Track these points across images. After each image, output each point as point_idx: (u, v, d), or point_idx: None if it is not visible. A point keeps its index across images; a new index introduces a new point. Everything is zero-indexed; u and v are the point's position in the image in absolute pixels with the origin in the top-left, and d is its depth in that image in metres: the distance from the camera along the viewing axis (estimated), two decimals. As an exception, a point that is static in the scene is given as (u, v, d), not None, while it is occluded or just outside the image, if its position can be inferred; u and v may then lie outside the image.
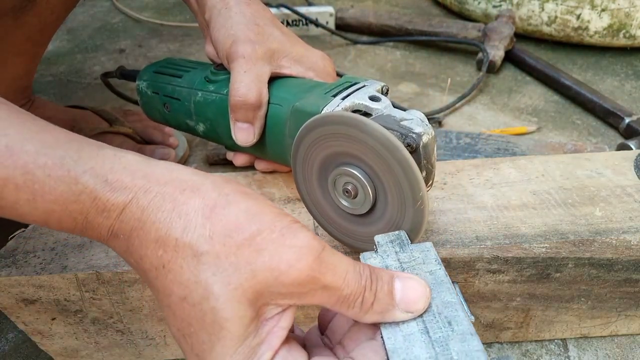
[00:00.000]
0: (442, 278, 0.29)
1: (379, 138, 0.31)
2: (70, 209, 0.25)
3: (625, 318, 0.47)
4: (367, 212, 0.35)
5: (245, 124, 0.41)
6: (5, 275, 0.39)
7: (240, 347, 0.24)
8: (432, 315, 0.27)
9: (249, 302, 0.24)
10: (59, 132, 0.26)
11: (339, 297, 0.25)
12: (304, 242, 0.24)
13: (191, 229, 0.24)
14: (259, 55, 0.41)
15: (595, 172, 0.47)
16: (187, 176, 0.26)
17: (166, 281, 0.24)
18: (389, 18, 1.08)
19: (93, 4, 1.34)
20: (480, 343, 0.25)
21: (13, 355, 0.50)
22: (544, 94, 0.90)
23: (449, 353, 0.25)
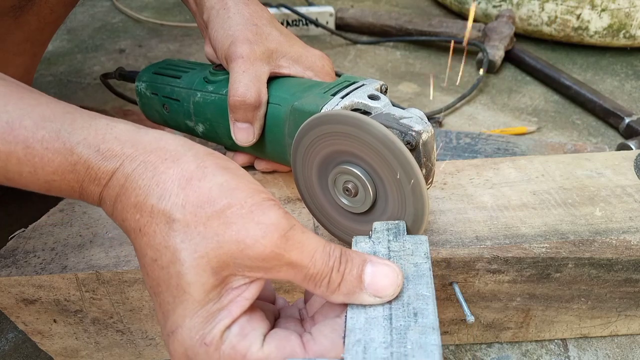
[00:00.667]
0: (424, 272, 0.29)
1: (379, 136, 0.31)
2: (68, 178, 0.27)
3: (625, 318, 0.47)
4: (368, 210, 0.35)
5: (244, 124, 0.42)
6: (5, 275, 0.39)
7: (200, 310, 0.25)
8: (401, 304, 0.27)
9: (212, 271, 0.25)
10: (55, 105, 0.28)
11: (306, 275, 0.26)
12: (272, 219, 0.25)
13: (167, 197, 0.25)
14: (258, 56, 0.41)
15: (595, 172, 0.47)
16: (172, 146, 0.27)
17: (142, 243, 0.26)
18: (389, 18, 1.08)
19: (93, 4, 1.34)
20: (439, 338, 0.25)
21: (13, 355, 0.50)
22: (544, 94, 0.90)
23: (404, 342, 0.25)
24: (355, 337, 0.26)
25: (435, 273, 0.41)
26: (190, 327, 0.25)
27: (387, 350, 0.25)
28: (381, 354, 0.24)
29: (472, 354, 0.48)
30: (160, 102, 0.50)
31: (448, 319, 0.45)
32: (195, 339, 0.25)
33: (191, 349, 0.25)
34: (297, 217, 0.44)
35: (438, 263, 0.40)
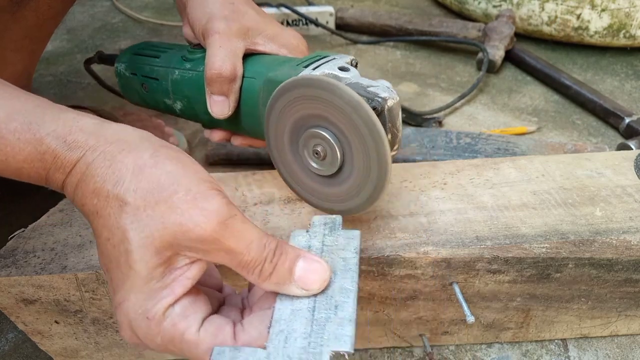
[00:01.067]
0: (351, 266, 0.31)
1: (347, 99, 0.33)
2: (36, 166, 0.29)
3: (625, 318, 0.47)
4: (335, 173, 0.37)
5: (220, 97, 0.43)
6: (5, 275, 0.39)
7: (144, 286, 0.27)
8: (325, 297, 0.29)
9: (156, 250, 0.27)
10: (26, 98, 0.30)
11: (240, 262, 0.28)
12: (213, 207, 0.28)
13: (121, 184, 0.28)
14: (233, 32, 0.43)
15: (596, 172, 0.47)
16: (131, 138, 0.30)
17: (98, 225, 0.28)
18: (389, 18, 1.08)
19: (93, 4, 1.34)
20: (353, 330, 0.28)
21: (13, 355, 0.50)
22: (544, 94, 0.90)
23: (322, 333, 0.27)
24: (279, 327, 0.28)
25: (435, 273, 0.41)
26: (135, 302, 0.28)
27: (306, 340, 0.27)
28: (300, 343, 0.27)
29: (472, 354, 0.48)
30: (139, 81, 0.51)
31: (448, 319, 0.45)
32: (138, 312, 0.28)
33: (135, 322, 0.28)
34: (297, 217, 0.44)
35: (438, 263, 0.40)
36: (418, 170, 0.49)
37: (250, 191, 0.47)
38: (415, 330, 0.47)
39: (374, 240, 0.40)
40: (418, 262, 0.40)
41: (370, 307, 0.44)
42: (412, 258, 0.39)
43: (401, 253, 0.39)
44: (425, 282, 0.41)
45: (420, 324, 0.46)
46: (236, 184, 0.48)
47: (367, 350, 0.49)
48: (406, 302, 0.43)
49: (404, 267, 0.40)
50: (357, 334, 0.47)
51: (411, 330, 0.47)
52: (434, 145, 0.69)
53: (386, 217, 0.43)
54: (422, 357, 0.48)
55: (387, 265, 0.40)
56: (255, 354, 0.27)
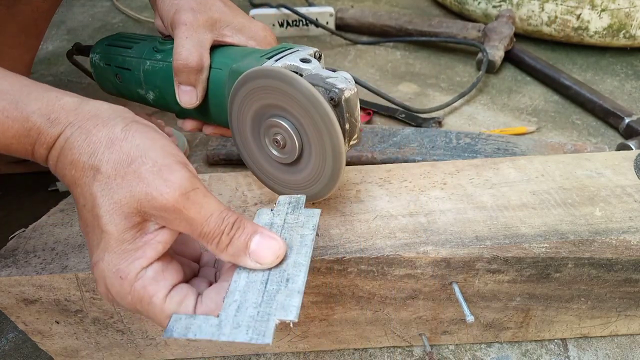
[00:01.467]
0: (307, 242, 0.33)
1: (303, 91, 0.35)
2: (23, 142, 0.31)
3: (625, 318, 0.47)
4: (295, 162, 0.39)
5: (188, 87, 0.44)
6: (5, 275, 0.39)
7: (117, 247, 0.30)
8: (278, 271, 0.32)
9: (124, 215, 0.30)
10: (13, 79, 0.32)
11: (200, 232, 0.31)
12: (177, 178, 0.30)
13: (95, 155, 0.30)
14: (200, 23, 0.44)
15: (595, 172, 0.47)
16: (106, 113, 0.32)
17: (76, 193, 0.31)
18: (389, 18, 1.08)
19: (93, 4, 1.34)
20: (299, 301, 0.30)
21: (13, 355, 0.50)
22: (543, 94, 0.90)
23: (271, 302, 0.30)
24: (233, 297, 0.30)
25: (435, 273, 0.41)
26: (109, 261, 0.30)
27: (256, 309, 0.29)
28: (250, 312, 0.29)
29: (472, 353, 0.48)
30: (113, 72, 0.52)
31: (448, 318, 0.46)
32: (112, 271, 0.30)
33: (109, 279, 0.30)
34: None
35: (438, 263, 0.40)
36: (418, 170, 0.49)
37: (251, 191, 0.47)
38: (415, 330, 0.47)
39: (374, 240, 0.40)
40: (418, 262, 0.40)
41: (370, 307, 0.44)
42: (411, 258, 0.39)
43: (401, 253, 0.39)
44: (425, 282, 0.42)
45: (420, 324, 0.46)
46: (236, 184, 0.49)
47: (367, 350, 0.49)
48: (406, 301, 0.43)
49: (404, 267, 0.40)
50: (358, 333, 0.47)
51: (411, 330, 0.47)
52: (434, 145, 0.69)
53: (386, 217, 0.43)
54: (422, 356, 0.48)
55: (387, 265, 0.40)
56: (208, 321, 0.29)
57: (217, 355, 0.49)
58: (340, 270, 0.40)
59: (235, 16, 0.46)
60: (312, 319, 0.45)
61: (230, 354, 0.49)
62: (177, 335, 0.29)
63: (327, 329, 0.46)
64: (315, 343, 0.48)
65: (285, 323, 0.30)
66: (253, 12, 1.10)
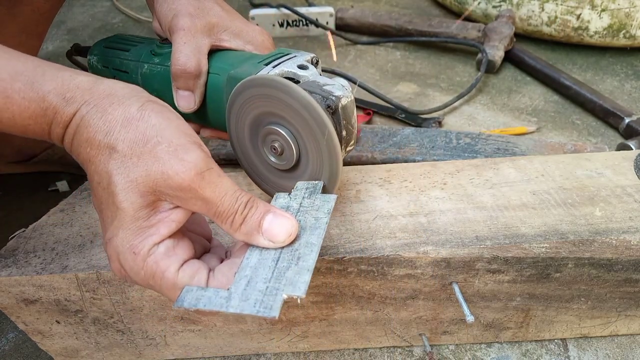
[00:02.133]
0: (320, 225, 0.34)
1: (300, 100, 0.35)
2: (40, 122, 0.31)
3: (625, 318, 0.47)
4: (292, 168, 0.39)
5: (186, 92, 0.44)
6: (5, 275, 0.39)
7: (131, 224, 0.30)
8: (290, 250, 0.32)
9: (140, 193, 0.30)
10: (26, 59, 0.32)
11: (215, 211, 0.31)
12: (192, 158, 0.30)
13: (111, 134, 0.30)
14: (198, 28, 0.44)
15: (595, 172, 0.47)
16: (121, 92, 0.32)
17: (91, 171, 0.31)
18: (389, 18, 1.08)
19: (93, 4, 1.34)
20: (308, 278, 0.30)
21: (13, 355, 0.50)
22: (544, 94, 0.90)
23: (280, 278, 0.30)
24: (244, 273, 0.31)
25: (435, 273, 0.41)
26: (123, 237, 0.30)
27: (265, 284, 0.30)
28: (259, 287, 0.30)
29: (472, 353, 0.48)
30: (110, 74, 0.52)
31: (448, 318, 0.46)
32: (126, 247, 0.30)
33: (122, 255, 0.31)
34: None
35: (438, 263, 0.40)
36: (418, 170, 0.49)
37: (251, 191, 0.47)
38: (415, 330, 0.47)
39: (374, 240, 0.40)
40: (418, 262, 0.40)
41: (370, 307, 0.44)
42: (412, 258, 0.39)
43: (401, 253, 0.39)
44: (425, 282, 0.42)
45: (420, 324, 0.46)
46: (236, 183, 0.49)
47: (367, 350, 0.49)
48: (406, 301, 0.43)
49: (404, 267, 0.40)
50: (358, 333, 0.47)
51: (411, 330, 0.47)
52: (434, 146, 0.69)
53: (386, 217, 0.43)
54: (422, 356, 0.48)
55: (387, 265, 0.40)
56: (218, 293, 0.30)
57: (217, 355, 0.49)
58: (340, 270, 0.40)
59: (232, 20, 0.46)
60: (312, 319, 0.45)
61: (231, 354, 0.49)
62: (187, 305, 0.29)
63: (327, 329, 0.46)
64: (315, 343, 0.48)
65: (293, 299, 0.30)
66: (253, 12, 1.10)
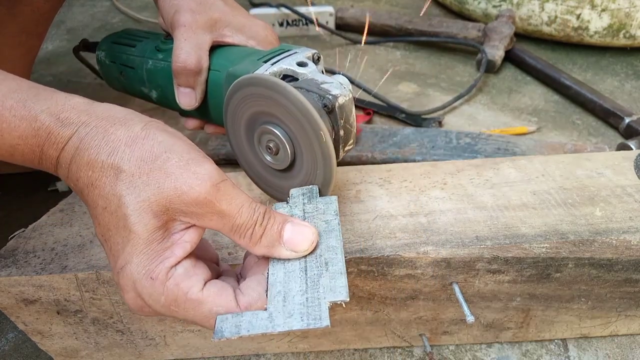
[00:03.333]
0: (333, 227, 0.33)
1: (293, 100, 0.34)
2: (30, 143, 0.30)
3: (625, 318, 0.47)
4: (287, 168, 0.39)
5: (187, 89, 0.44)
6: (5, 275, 0.39)
7: (145, 248, 0.28)
8: (314, 257, 0.31)
9: (153, 214, 0.29)
10: (19, 80, 0.31)
11: (233, 225, 0.30)
12: (206, 171, 0.29)
13: (115, 153, 0.29)
14: (200, 24, 0.43)
15: (595, 172, 0.47)
16: (121, 114, 0.31)
17: (94, 195, 0.29)
18: (389, 18, 1.08)
19: (93, 4, 1.34)
20: (345, 281, 0.30)
21: (13, 355, 0.50)
22: (544, 94, 0.90)
23: (317, 288, 0.29)
24: (276, 289, 0.30)
25: (435, 273, 0.41)
26: (138, 263, 0.28)
27: (303, 296, 0.29)
28: (298, 300, 0.29)
29: (472, 354, 0.48)
30: (117, 69, 0.52)
31: (448, 319, 0.46)
32: (142, 273, 0.28)
33: (139, 282, 0.29)
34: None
35: (438, 263, 0.40)
36: (418, 170, 0.49)
37: (250, 191, 0.47)
38: (415, 330, 0.47)
39: (374, 240, 0.40)
40: (418, 262, 0.40)
41: (370, 307, 0.44)
42: (412, 258, 0.39)
43: (401, 253, 0.39)
44: (425, 282, 0.41)
45: (420, 324, 0.46)
46: (236, 183, 0.48)
47: (367, 350, 0.49)
48: (406, 302, 0.43)
49: (404, 267, 0.40)
50: (358, 333, 0.47)
51: (411, 330, 0.47)
52: (434, 145, 0.69)
53: (386, 217, 0.43)
54: (422, 357, 0.48)
55: (387, 265, 0.40)
56: (257, 315, 0.28)
57: (216, 355, 0.49)
58: (341, 271, 0.40)
59: (235, 15, 0.46)
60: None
61: (230, 354, 0.49)
62: (228, 335, 0.28)
63: (327, 329, 0.46)
64: (315, 343, 0.48)
65: (336, 305, 0.29)
66: (253, 11, 1.10)
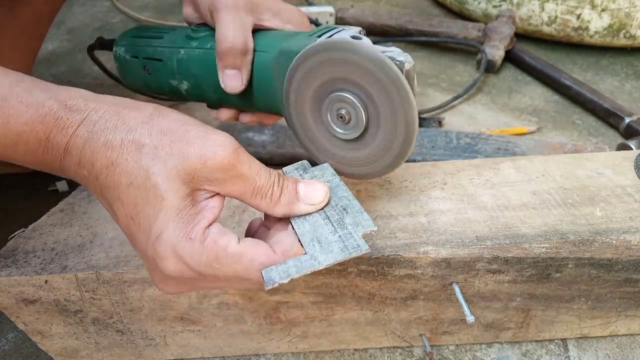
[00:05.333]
0: (337, 183, 0.37)
1: (373, 58, 0.34)
2: (36, 129, 0.30)
3: (625, 318, 0.47)
4: (359, 137, 0.38)
5: (233, 70, 0.43)
6: (5, 275, 0.39)
7: (179, 214, 0.30)
8: (331, 206, 0.34)
9: (182, 181, 0.30)
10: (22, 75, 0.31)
11: (254, 188, 0.32)
12: (225, 138, 0.31)
13: (134, 131, 0.30)
14: (241, 6, 0.43)
15: (595, 172, 0.47)
16: (130, 101, 0.32)
17: (115, 175, 0.30)
18: (389, 18, 1.08)
19: (93, 4, 1.34)
20: (368, 216, 0.33)
21: (13, 355, 0.50)
22: (544, 94, 0.90)
23: (345, 226, 0.32)
24: (308, 237, 0.32)
25: (435, 273, 0.41)
26: (175, 227, 0.29)
27: (335, 235, 0.32)
28: (332, 239, 0.32)
29: (472, 354, 0.48)
30: (141, 64, 0.51)
31: (448, 319, 0.46)
32: (180, 236, 0.29)
33: (179, 245, 0.29)
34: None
35: (438, 263, 0.40)
36: (418, 170, 0.49)
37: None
38: (415, 330, 0.47)
39: (374, 240, 0.40)
40: (418, 262, 0.40)
41: (370, 307, 0.44)
42: (412, 258, 0.39)
43: (401, 253, 0.39)
44: (425, 282, 0.41)
45: (420, 324, 0.46)
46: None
47: (367, 350, 0.49)
48: (406, 302, 0.43)
49: (404, 267, 0.40)
50: (358, 333, 0.47)
51: (411, 330, 0.47)
52: (434, 145, 0.69)
53: (386, 217, 0.43)
54: (422, 357, 0.48)
55: (387, 265, 0.40)
56: (300, 259, 0.30)
57: (216, 355, 0.49)
58: (340, 271, 0.40)
59: (271, 0, 0.46)
60: (312, 319, 0.45)
61: (230, 354, 0.49)
62: (279, 279, 0.29)
63: (327, 329, 0.46)
64: (315, 343, 0.48)
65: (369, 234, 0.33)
66: (253, 12, 1.10)
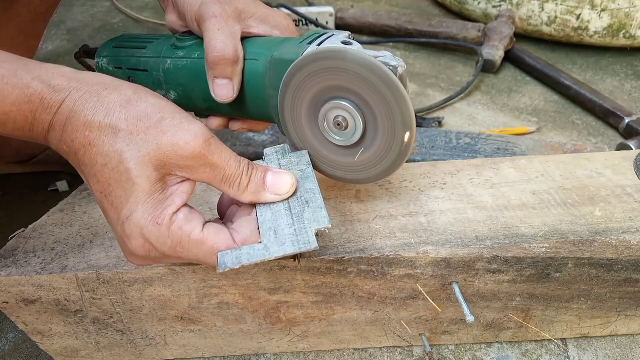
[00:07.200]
0: (309, 174, 0.38)
1: (367, 64, 0.34)
2: (23, 109, 0.31)
3: (625, 318, 0.47)
4: (358, 142, 0.39)
5: (224, 80, 0.43)
6: (5, 275, 0.39)
7: (149, 198, 0.32)
8: (296, 198, 0.36)
9: (154, 167, 0.32)
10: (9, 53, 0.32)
11: (223, 177, 0.34)
12: (198, 128, 0.33)
13: (111, 114, 0.31)
14: (229, 15, 0.43)
15: (595, 172, 0.47)
16: (110, 80, 0.33)
17: (92, 154, 0.31)
18: (389, 18, 1.08)
19: (93, 4, 1.34)
20: (326, 213, 0.34)
21: (13, 355, 0.50)
22: (544, 94, 0.90)
23: (302, 220, 0.34)
24: (267, 226, 0.34)
25: (435, 273, 0.41)
26: (144, 211, 0.31)
27: (292, 228, 0.34)
28: (288, 232, 0.33)
29: (472, 354, 0.48)
30: (125, 75, 0.50)
31: (448, 319, 0.46)
32: (148, 220, 0.31)
33: (146, 228, 0.31)
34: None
35: (438, 263, 0.40)
36: (418, 170, 0.49)
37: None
38: (415, 330, 0.47)
39: (374, 240, 0.40)
40: (418, 262, 0.40)
41: (370, 307, 0.44)
42: (411, 258, 0.39)
43: (401, 253, 0.39)
44: (425, 282, 0.42)
45: (420, 324, 0.46)
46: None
47: (367, 350, 0.49)
48: (406, 302, 0.43)
49: (404, 267, 0.40)
50: (358, 333, 0.47)
51: (411, 330, 0.47)
52: (434, 146, 0.69)
53: (386, 217, 0.43)
54: (422, 356, 0.48)
55: (387, 265, 0.40)
56: (254, 247, 0.33)
57: (217, 355, 0.49)
58: (340, 270, 0.40)
59: (257, 6, 0.45)
60: (312, 319, 0.45)
61: (230, 354, 0.49)
62: (231, 265, 0.32)
63: (327, 329, 0.46)
64: (315, 343, 0.48)
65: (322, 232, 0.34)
66: (253, 12, 1.10)
